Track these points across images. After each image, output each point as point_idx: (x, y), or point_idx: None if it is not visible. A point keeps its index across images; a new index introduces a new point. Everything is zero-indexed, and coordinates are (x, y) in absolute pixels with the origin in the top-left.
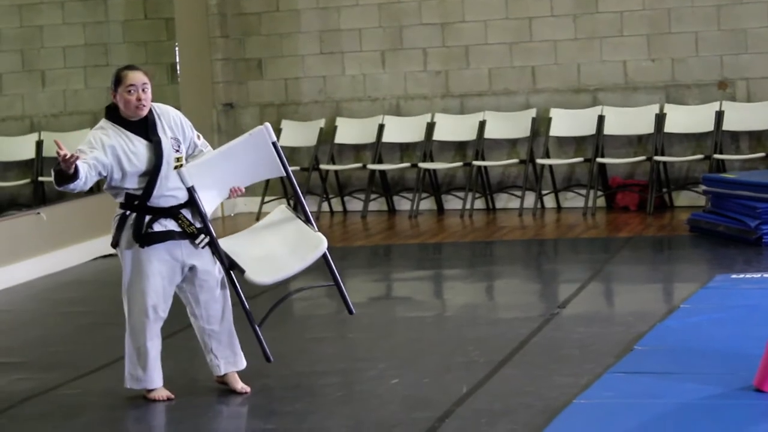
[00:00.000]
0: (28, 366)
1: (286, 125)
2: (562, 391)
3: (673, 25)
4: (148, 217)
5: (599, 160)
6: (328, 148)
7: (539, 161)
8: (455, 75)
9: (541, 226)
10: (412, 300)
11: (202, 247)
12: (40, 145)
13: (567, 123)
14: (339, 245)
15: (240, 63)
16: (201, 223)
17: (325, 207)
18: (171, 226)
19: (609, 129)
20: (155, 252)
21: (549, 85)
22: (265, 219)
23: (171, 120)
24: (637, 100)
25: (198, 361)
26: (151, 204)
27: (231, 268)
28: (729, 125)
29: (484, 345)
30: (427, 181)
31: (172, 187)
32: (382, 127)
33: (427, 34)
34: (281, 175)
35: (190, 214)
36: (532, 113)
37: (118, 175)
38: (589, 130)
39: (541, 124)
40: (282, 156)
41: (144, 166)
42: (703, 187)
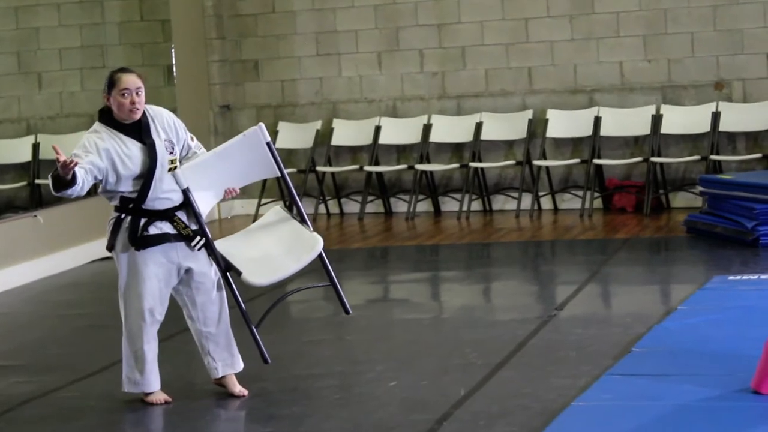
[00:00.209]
0: (25, 369)
1: (283, 127)
2: (559, 393)
3: (670, 26)
4: (144, 220)
5: (596, 161)
6: (325, 149)
7: (536, 162)
8: (452, 76)
9: (538, 227)
10: (409, 302)
11: (198, 249)
12: (36, 147)
13: (563, 124)
14: (336, 247)
15: (236, 65)
16: (196, 225)
17: (322, 209)
18: (166, 228)
19: (605, 130)
20: (151, 255)
21: (545, 86)
22: (260, 220)
23: (164, 122)
24: (634, 101)
25: (195, 364)
26: (146, 207)
27: (227, 270)
28: (725, 126)
29: (482, 347)
30: (423, 182)
31: (166, 189)
32: (378, 128)
33: (423, 36)
34: (276, 175)
35: (186, 216)
36: (529, 114)
37: (112, 178)
38: (586, 131)
39: (537, 126)
40: (276, 156)
41: (138, 169)
42: (700, 188)
